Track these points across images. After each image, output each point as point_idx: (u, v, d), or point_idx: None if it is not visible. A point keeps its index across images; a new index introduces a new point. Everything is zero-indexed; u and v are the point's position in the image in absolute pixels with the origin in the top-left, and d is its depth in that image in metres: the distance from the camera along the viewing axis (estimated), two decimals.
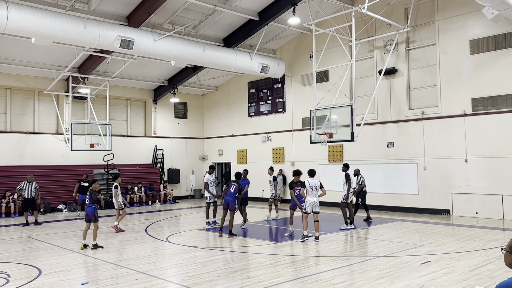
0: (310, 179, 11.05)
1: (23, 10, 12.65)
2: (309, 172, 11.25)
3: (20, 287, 7.14)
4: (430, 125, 15.90)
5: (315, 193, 10.94)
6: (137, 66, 20.20)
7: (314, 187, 10.95)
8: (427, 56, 16.19)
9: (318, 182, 11.07)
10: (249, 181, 13.99)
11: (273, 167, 16.12)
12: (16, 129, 19.85)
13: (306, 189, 10.94)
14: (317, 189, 10.98)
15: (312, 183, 10.99)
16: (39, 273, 8.07)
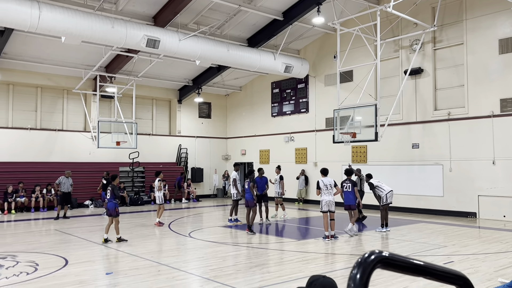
0: (323, 178, 10.99)
1: (54, 10, 13.07)
2: (322, 171, 11.19)
3: (48, 275, 7.39)
4: (456, 126, 15.61)
5: (330, 191, 10.88)
6: (162, 65, 20.54)
7: (328, 186, 10.88)
8: (454, 56, 15.91)
9: (332, 181, 10.99)
10: (267, 179, 13.99)
11: (280, 166, 16.16)
12: (46, 127, 20.46)
13: (321, 188, 10.89)
14: (332, 187, 10.92)
15: (326, 181, 10.92)
16: (66, 263, 8.33)
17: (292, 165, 21.39)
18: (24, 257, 8.86)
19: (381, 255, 1.18)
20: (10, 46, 17.15)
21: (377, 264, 1.16)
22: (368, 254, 1.19)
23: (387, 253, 1.21)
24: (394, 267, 1.21)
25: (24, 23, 12.64)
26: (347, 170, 11.99)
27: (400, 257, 1.23)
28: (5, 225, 14.50)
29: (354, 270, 1.14)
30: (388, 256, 1.18)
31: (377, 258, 1.16)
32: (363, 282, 1.13)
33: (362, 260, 1.15)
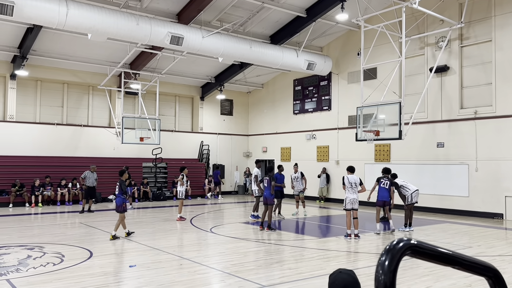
0: (349, 175, 10.88)
1: (81, 7, 13.33)
2: (348, 168, 11.07)
3: (73, 266, 7.56)
4: (483, 125, 15.25)
5: (355, 189, 10.78)
6: (185, 63, 20.71)
7: (354, 184, 10.78)
8: (482, 53, 15.53)
9: (358, 179, 10.90)
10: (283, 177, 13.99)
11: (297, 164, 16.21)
12: (71, 122, 20.90)
13: (346, 186, 10.81)
14: (357, 185, 10.81)
15: (352, 179, 10.82)
16: (91, 255, 8.51)
17: (313, 163, 21.28)
18: (51, 248, 9.09)
19: (410, 243, 1.17)
20: (38, 43, 17.58)
21: (406, 251, 1.15)
22: (396, 241, 1.18)
23: (415, 241, 1.20)
24: (422, 255, 1.19)
25: (52, 20, 12.94)
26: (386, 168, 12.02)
27: (428, 245, 1.22)
28: (32, 218, 14.91)
29: (383, 257, 1.14)
30: (417, 244, 1.17)
31: (406, 245, 1.15)
32: (392, 269, 1.12)
33: (391, 247, 1.15)
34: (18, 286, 6.32)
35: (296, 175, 15.29)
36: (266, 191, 11.99)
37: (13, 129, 18.90)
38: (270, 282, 6.72)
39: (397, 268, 1.16)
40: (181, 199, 13.94)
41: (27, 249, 8.96)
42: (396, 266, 1.15)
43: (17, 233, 11.27)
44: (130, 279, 6.90)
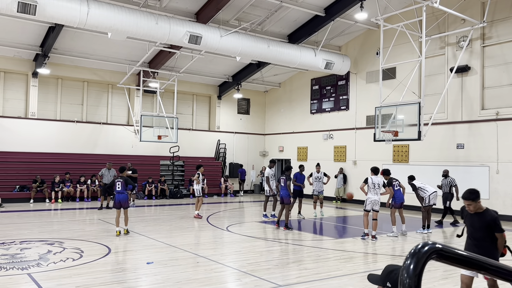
0: (373, 176, 10.75)
1: (101, 6, 13.51)
2: (372, 169, 10.90)
3: (92, 262, 7.68)
4: (505, 127, 14.94)
5: (377, 191, 10.67)
6: (203, 62, 20.81)
7: (377, 185, 10.68)
8: (505, 53, 15.21)
9: (381, 180, 10.81)
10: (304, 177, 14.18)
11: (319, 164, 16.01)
12: (91, 120, 21.21)
13: (368, 186, 10.69)
14: (380, 187, 10.70)
15: (376, 180, 10.71)
16: (109, 251, 8.62)
17: (330, 163, 21.16)
18: (70, 244, 9.24)
19: (435, 247, 1.16)
20: (59, 41, 17.88)
21: (432, 255, 1.13)
22: (421, 245, 1.16)
23: (440, 244, 1.18)
24: (448, 259, 1.18)
25: (74, 19, 13.14)
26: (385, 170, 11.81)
27: (453, 249, 1.20)
28: (52, 213, 15.18)
29: (408, 261, 1.12)
30: (442, 248, 1.16)
31: (431, 249, 1.14)
32: (417, 273, 1.11)
33: (416, 251, 1.13)
34: (39, 280, 6.44)
35: (318, 175, 15.19)
36: (282, 190, 11.97)
37: (34, 126, 19.27)
38: (286, 282, 6.71)
39: (422, 271, 1.15)
40: (198, 197, 14.02)
41: (47, 244, 9.13)
42: (421, 270, 1.13)
43: (37, 228, 11.50)
44: (147, 275, 6.97)
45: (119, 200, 10.59)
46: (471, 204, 4.84)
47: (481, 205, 4.89)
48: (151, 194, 20.12)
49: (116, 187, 10.67)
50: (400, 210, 11.53)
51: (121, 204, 10.56)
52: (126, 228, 10.68)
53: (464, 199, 4.86)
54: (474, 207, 4.85)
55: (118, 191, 10.63)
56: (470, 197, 4.85)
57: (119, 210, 10.60)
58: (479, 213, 4.88)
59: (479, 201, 4.87)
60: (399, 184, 11.60)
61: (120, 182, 10.64)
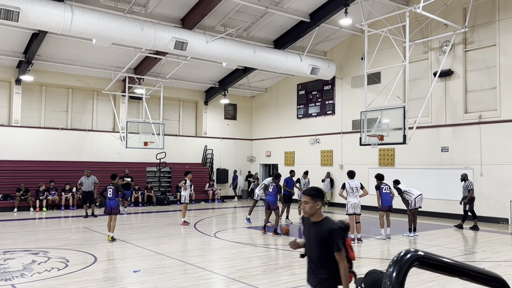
0: (350, 180, 10.96)
1: (86, 13, 13.41)
2: (348, 173, 11.16)
3: (78, 271, 7.57)
4: (488, 130, 15.19)
5: (356, 194, 10.85)
6: (189, 67, 20.77)
7: (354, 188, 10.86)
8: (486, 57, 15.50)
9: (358, 183, 10.99)
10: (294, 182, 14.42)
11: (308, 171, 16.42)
12: (76, 127, 20.98)
13: (347, 191, 10.87)
14: (358, 190, 10.88)
15: (353, 184, 10.90)
16: (95, 260, 8.52)
17: (317, 167, 21.25)
18: (55, 253, 9.10)
19: (417, 254, 1.17)
20: (43, 48, 17.68)
21: (414, 263, 1.15)
22: (404, 252, 1.18)
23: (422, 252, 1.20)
24: (430, 266, 1.19)
25: (58, 26, 13.02)
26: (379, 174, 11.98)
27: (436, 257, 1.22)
28: (36, 222, 14.94)
29: (390, 268, 1.14)
30: (424, 255, 1.17)
31: (413, 257, 1.15)
32: (399, 281, 1.12)
33: (398, 258, 1.15)
34: None
35: (305, 181, 15.54)
36: (269, 196, 12.01)
37: (18, 134, 18.99)
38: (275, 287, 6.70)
39: (405, 279, 1.16)
40: (185, 204, 13.95)
41: (31, 254, 8.98)
42: (403, 277, 1.15)
43: (21, 237, 11.31)
44: (134, 284, 6.90)
45: (110, 207, 10.82)
46: (308, 203, 3.68)
47: (321, 211, 3.73)
48: (138, 201, 19.95)
49: (108, 193, 10.90)
50: (387, 214, 11.62)
51: (111, 210, 10.78)
52: (111, 235, 10.74)
53: (303, 195, 3.75)
54: (311, 208, 3.67)
55: (109, 198, 10.87)
56: (310, 192, 3.73)
57: (110, 216, 10.78)
58: (316, 223, 3.69)
59: (320, 203, 3.70)
60: (388, 188, 11.74)
61: (111, 189, 10.90)
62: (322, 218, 3.70)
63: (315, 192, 3.72)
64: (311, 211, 3.69)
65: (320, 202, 3.70)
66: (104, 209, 11.19)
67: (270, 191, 12.06)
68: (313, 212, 3.68)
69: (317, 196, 3.70)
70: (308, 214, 3.71)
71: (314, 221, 3.71)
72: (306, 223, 3.83)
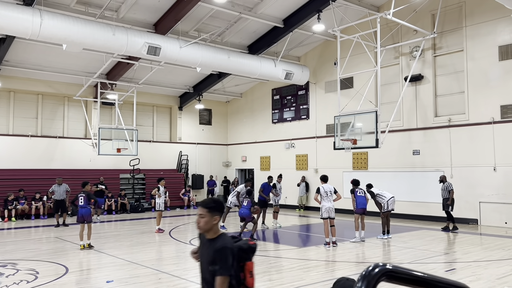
0: (324, 184, 11.12)
1: (55, 17, 13.12)
2: (321, 177, 11.37)
3: (48, 283, 7.36)
4: (457, 133, 15.61)
5: (330, 198, 11.00)
6: (163, 73, 20.59)
7: (328, 192, 11.01)
8: (454, 62, 15.94)
9: (332, 187, 11.14)
10: (271, 188, 14.46)
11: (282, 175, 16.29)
12: (46, 134, 20.47)
13: (321, 195, 11.01)
14: (332, 194, 11.03)
15: (326, 188, 11.05)
16: (66, 271, 8.30)
17: (292, 171, 21.36)
18: (24, 265, 8.83)
19: (385, 268, 1.18)
20: (11, 53, 17.20)
21: (381, 277, 1.15)
22: (372, 267, 1.18)
23: (390, 266, 1.20)
24: (398, 279, 1.20)
25: (26, 30, 12.70)
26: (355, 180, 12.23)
27: (403, 270, 1.23)
28: (5, 233, 14.46)
29: (359, 283, 1.14)
30: (392, 269, 1.18)
31: (381, 271, 1.15)
32: None
33: (367, 273, 1.15)
34: None
35: (280, 185, 15.52)
36: (243, 209, 12.02)
37: None
38: None
39: None
40: (159, 211, 13.77)
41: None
42: None
43: None
44: None
45: (82, 215, 10.74)
46: (204, 216, 3.17)
47: (217, 227, 3.21)
48: (111, 209, 19.59)
49: (79, 202, 10.82)
50: (362, 217, 11.78)
51: (84, 219, 10.69)
52: (89, 242, 10.75)
53: (199, 207, 3.25)
54: (206, 223, 3.15)
55: (81, 206, 10.78)
56: (207, 204, 3.23)
57: (83, 224, 10.71)
58: (211, 240, 3.18)
59: (217, 218, 3.19)
60: (363, 192, 11.99)
61: (82, 197, 10.80)
62: (217, 235, 3.19)
63: (214, 204, 3.22)
64: (207, 227, 3.16)
65: (218, 217, 3.21)
66: (76, 218, 11.04)
67: (245, 204, 12.07)
68: (209, 227, 3.16)
69: (216, 209, 3.19)
70: (203, 230, 3.18)
71: (209, 238, 3.19)
72: (201, 241, 3.30)
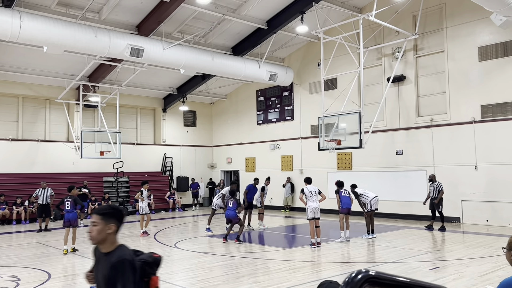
0: (308, 185, 11.32)
1: (35, 19, 12.91)
2: (305, 179, 11.61)
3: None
4: (439, 132, 15.84)
5: (315, 198, 11.15)
6: (146, 74, 20.42)
7: (313, 192, 11.18)
8: (436, 63, 16.18)
9: (316, 188, 11.35)
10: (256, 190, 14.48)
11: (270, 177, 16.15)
12: (27, 137, 20.11)
13: (306, 195, 11.15)
14: (317, 194, 11.22)
15: (311, 189, 11.23)
16: (49, 277, 8.16)
17: (278, 172, 21.40)
18: (5, 271, 8.65)
19: (368, 274, 1.18)
20: None
21: (364, 284, 1.15)
22: (355, 273, 1.18)
23: (373, 272, 1.21)
24: (381, 285, 1.20)
25: (5, 32, 12.47)
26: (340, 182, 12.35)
27: (386, 276, 1.23)
28: None
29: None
30: (375, 275, 1.18)
31: (364, 278, 1.16)
32: None
33: (350, 280, 1.15)
34: None
35: (267, 188, 15.45)
36: (229, 211, 12.00)
37: None
38: None
39: None
40: (142, 215, 13.59)
41: None
42: None
43: None
44: None
45: (69, 219, 10.83)
46: (96, 224, 2.77)
47: (115, 238, 2.80)
48: None
49: (65, 206, 10.90)
50: (346, 217, 11.87)
51: (70, 223, 10.78)
52: (73, 246, 10.82)
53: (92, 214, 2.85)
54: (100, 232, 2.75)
55: (67, 210, 10.86)
56: (100, 211, 2.83)
57: (68, 228, 10.82)
58: (107, 254, 2.77)
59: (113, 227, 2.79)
60: (347, 192, 12.14)
61: (69, 202, 10.88)
62: (114, 247, 2.76)
63: (110, 211, 2.81)
64: (100, 236, 2.74)
65: (115, 226, 2.78)
66: (63, 222, 11.09)
67: (230, 206, 12.06)
68: (102, 237, 2.74)
69: (112, 216, 2.78)
70: (96, 240, 2.75)
71: (104, 251, 2.77)
72: (96, 257, 2.87)
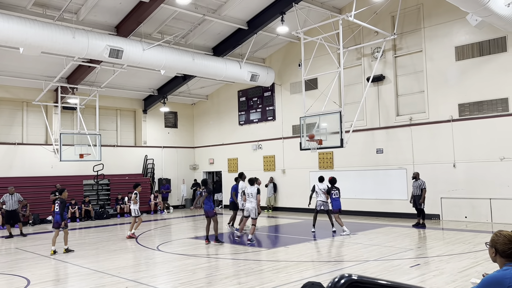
0: (250, 186, 12.04)
1: (11, 20, 12.63)
2: (249, 180, 12.25)
3: None
4: (418, 131, 16.09)
5: (252, 200, 11.86)
6: (126, 75, 20.20)
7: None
8: (414, 63, 16.43)
9: (255, 189, 11.92)
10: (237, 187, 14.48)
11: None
12: (4, 140, 19.66)
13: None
14: (253, 195, 11.88)
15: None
16: (28, 283, 7.99)
17: (260, 172, 21.40)
18: None
19: (351, 278, 1.19)
20: None
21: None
22: (338, 278, 1.19)
23: (356, 276, 1.21)
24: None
25: None
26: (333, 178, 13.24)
27: (369, 279, 1.24)
28: None
29: None
30: (357, 279, 1.19)
31: (347, 282, 1.16)
32: None
33: (333, 285, 1.15)
34: None
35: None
36: (205, 205, 11.96)
37: None
38: None
39: None
40: (136, 217, 13.48)
41: None
42: None
43: None
44: None
45: (57, 221, 11.08)
46: None
47: None
48: (75, 216, 19.03)
49: (55, 208, 11.18)
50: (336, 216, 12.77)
51: (59, 224, 11.04)
52: (66, 247, 11.16)
53: None
54: None
55: (57, 212, 11.11)
56: None
57: (58, 230, 11.14)
58: None
59: None
60: (337, 193, 13.07)
61: (58, 204, 11.13)
62: None
63: None
64: None
65: None
66: (52, 224, 11.46)
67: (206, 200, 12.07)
68: None
69: None
70: None
71: None
72: None
